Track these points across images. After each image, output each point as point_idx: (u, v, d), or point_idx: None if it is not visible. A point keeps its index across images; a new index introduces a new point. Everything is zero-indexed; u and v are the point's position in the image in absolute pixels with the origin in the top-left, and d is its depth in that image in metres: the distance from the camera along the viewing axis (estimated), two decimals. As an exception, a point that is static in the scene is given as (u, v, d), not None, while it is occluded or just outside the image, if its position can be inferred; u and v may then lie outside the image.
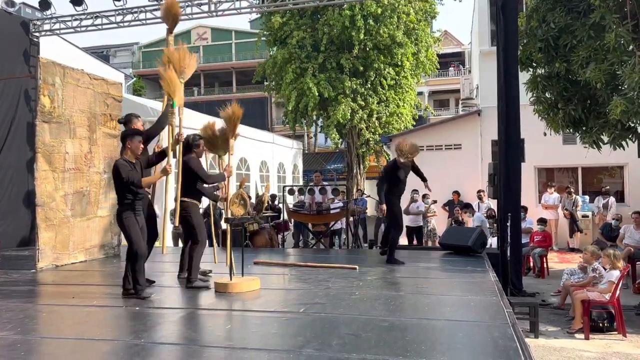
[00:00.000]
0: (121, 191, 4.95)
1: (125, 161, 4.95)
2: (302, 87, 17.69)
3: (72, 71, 7.20)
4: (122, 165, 4.89)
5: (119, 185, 4.93)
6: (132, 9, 9.30)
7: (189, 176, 5.47)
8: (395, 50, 17.99)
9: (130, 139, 5.04)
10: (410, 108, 19.65)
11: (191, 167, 5.47)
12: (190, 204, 5.54)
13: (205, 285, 5.44)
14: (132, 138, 5.05)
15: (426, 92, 34.53)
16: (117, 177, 4.86)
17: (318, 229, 9.65)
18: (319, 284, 5.55)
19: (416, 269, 6.63)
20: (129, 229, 4.94)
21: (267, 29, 19.10)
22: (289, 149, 22.43)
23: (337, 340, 3.47)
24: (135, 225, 4.98)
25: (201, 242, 5.53)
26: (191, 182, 5.52)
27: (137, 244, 4.91)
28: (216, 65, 39.56)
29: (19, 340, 3.67)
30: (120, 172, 4.82)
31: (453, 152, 13.90)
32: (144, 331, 3.93)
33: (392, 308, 4.42)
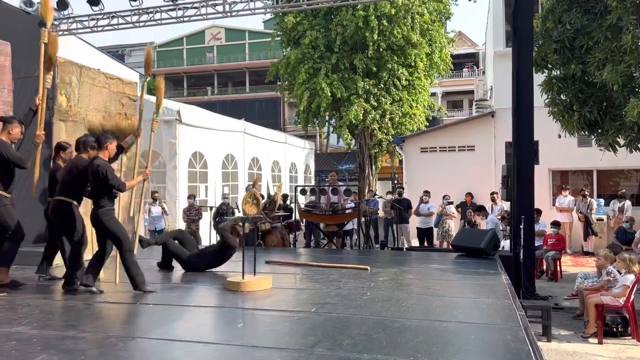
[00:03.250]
0: (103, 191, 4.98)
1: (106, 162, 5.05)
2: (315, 87, 17.71)
3: (88, 70, 7.29)
4: (109, 167, 4.98)
5: (104, 185, 4.94)
6: (148, 9, 9.39)
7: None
8: (409, 50, 17.95)
9: (111, 140, 5.17)
10: (423, 109, 19.60)
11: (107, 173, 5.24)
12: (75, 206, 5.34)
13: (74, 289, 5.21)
14: (112, 140, 5.19)
15: (439, 93, 34.37)
16: (102, 178, 4.88)
17: (330, 229, 9.65)
18: (330, 284, 5.56)
19: (428, 271, 6.61)
20: (117, 228, 5.07)
21: (281, 29, 19.15)
22: (301, 149, 22.47)
23: (348, 341, 3.48)
24: (119, 223, 5.15)
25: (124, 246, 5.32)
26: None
27: (127, 241, 5.12)
28: (230, 65, 39.77)
29: (35, 335, 3.73)
30: (107, 174, 4.88)
31: (466, 153, 13.83)
32: (157, 328, 3.98)
33: (404, 309, 4.42)
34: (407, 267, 6.95)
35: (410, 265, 7.10)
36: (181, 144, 13.03)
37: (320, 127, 23.47)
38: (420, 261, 7.55)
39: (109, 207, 5.05)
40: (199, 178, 14.09)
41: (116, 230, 5.06)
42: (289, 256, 7.93)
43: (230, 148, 15.71)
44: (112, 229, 5.04)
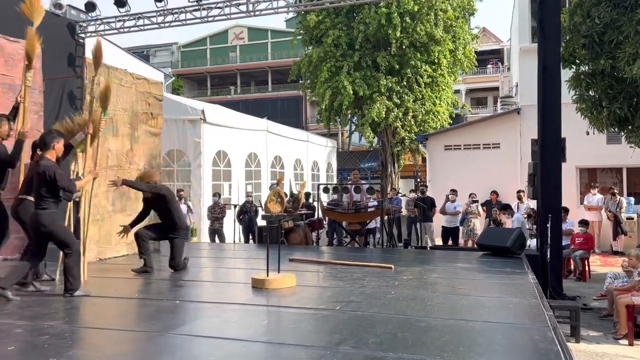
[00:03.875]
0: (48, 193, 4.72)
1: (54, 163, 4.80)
2: (337, 85, 17.68)
3: (115, 71, 7.43)
4: (57, 168, 4.74)
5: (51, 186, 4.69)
6: (173, 10, 9.49)
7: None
8: (432, 47, 17.77)
9: (57, 139, 4.91)
10: (446, 106, 19.38)
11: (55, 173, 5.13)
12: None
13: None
14: (59, 139, 4.94)
15: (463, 90, 33.98)
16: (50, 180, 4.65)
17: (353, 228, 9.64)
18: (354, 282, 5.56)
19: (453, 270, 6.55)
20: (64, 229, 4.90)
21: (303, 28, 19.17)
22: (323, 147, 22.49)
23: (373, 339, 3.48)
24: (64, 226, 4.98)
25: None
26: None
27: (74, 243, 4.88)
28: (252, 65, 40.01)
29: (66, 330, 3.83)
30: (55, 176, 4.65)
31: (491, 151, 13.65)
32: (183, 325, 4.04)
33: (429, 308, 4.39)
34: (431, 266, 6.90)
35: (434, 264, 7.05)
36: (205, 143, 13.18)
37: (342, 125, 23.42)
38: (445, 260, 7.48)
39: (53, 210, 4.76)
40: (223, 176, 14.23)
41: (61, 233, 4.80)
42: (312, 254, 7.95)
43: (253, 147, 15.83)
44: (56, 233, 4.76)
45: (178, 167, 13.39)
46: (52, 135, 4.93)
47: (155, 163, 8.39)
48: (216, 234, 11.68)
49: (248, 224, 11.47)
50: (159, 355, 3.28)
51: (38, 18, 5.88)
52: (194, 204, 12.51)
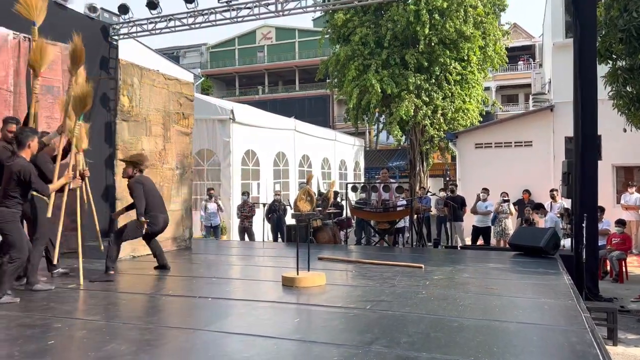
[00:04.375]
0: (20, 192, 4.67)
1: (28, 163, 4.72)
2: (365, 83, 17.61)
3: (148, 72, 7.58)
4: (31, 169, 4.67)
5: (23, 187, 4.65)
6: (203, 11, 9.62)
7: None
8: (461, 44, 17.52)
9: (31, 138, 4.81)
10: (476, 104, 19.08)
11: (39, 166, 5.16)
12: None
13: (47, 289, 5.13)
14: (33, 137, 4.84)
15: (493, 87, 33.38)
16: (23, 180, 4.60)
17: (382, 227, 9.60)
18: (384, 281, 5.53)
19: (485, 270, 6.45)
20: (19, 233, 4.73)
21: (331, 27, 19.16)
22: (351, 146, 22.44)
23: (405, 339, 3.45)
24: (21, 229, 4.85)
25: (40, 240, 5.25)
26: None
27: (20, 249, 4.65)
28: (280, 64, 40.21)
29: (103, 325, 3.92)
30: (31, 177, 4.61)
31: (523, 149, 13.39)
32: (216, 321, 4.09)
33: (461, 308, 4.33)
34: (462, 265, 6.82)
35: (465, 264, 6.96)
36: (235, 143, 13.33)
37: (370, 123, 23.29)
38: (476, 260, 7.38)
39: (16, 210, 4.69)
40: (252, 175, 14.36)
41: (14, 234, 4.65)
42: (341, 253, 7.95)
43: (281, 146, 15.92)
44: (8, 232, 4.63)
45: (208, 166, 13.57)
46: (27, 134, 4.81)
47: (186, 162, 8.52)
48: (246, 232, 11.80)
49: (277, 223, 11.55)
50: (193, 352, 3.33)
51: (40, 15, 5.70)
52: (224, 202, 12.66)
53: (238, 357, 3.21)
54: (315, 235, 9.46)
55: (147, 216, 6.05)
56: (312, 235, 9.24)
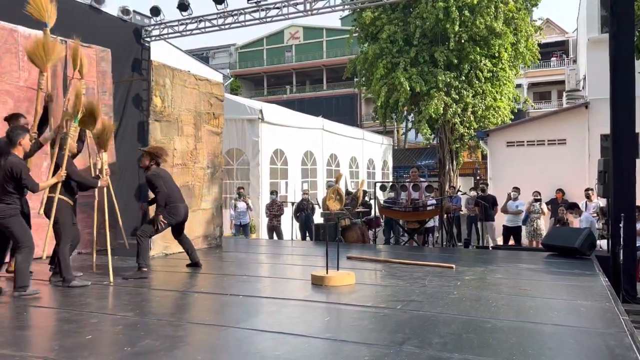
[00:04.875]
0: (15, 188, 4.86)
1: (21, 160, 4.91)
2: (393, 82, 17.51)
3: (180, 73, 7.70)
4: (24, 166, 4.86)
5: (17, 183, 4.83)
6: (232, 12, 9.72)
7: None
8: (492, 41, 17.23)
9: (22, 136, 4.95)
10: (508, 101, 18.75)
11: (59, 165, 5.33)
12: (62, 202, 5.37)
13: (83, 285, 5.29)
14: (24, 135, 4.98)
15: (525, 84, 32.71)
16: (15, 176, 4.77)
17: (411, 226, 9.52)
18: (414, 281, 5.49)
19: (517, 270, 6.33)
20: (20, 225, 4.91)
21: (359, 25, 19.11)
22: (379, 145, 22.34)
23: (437, 339, 3.42)
24: (23, 223, 4.99)
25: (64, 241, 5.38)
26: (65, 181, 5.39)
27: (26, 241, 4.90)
28: (307, 64, 40.30)
29: (138, 321, 4.01)
30: (22, 174, 4.78)
31: (557, 147, 13.09)
32: (248, 318, 4.13)
33: (494, 310, 4.26)
34: (494, 266, 6.71)
35: (497, 265, 6.85)
36: (263, 142, 13.43)
37: (398, 122, 23.14)
38: (508, 260, 7.25)
39: (15, 205, 4.88)
40: (280, 174, 14.45)
41: (15, 227, 4.87)
42: (370, 252, 7.93)
43: (309, 145, 15.96)
44: (10, 226, 4.85)
45: (237, 165, 13.72)
46: (17, 132, 4.96)
47: (217, 161, 8.63)
48: (274, 231, 11.87)
49: (305, 222, 11.58)
50: (225, 349, 3.37)
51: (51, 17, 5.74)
52: (252, 201, 12.77)
53: (270, 354, 3.23)
54: (344, 234, 9.45)
55: (168, 207, 6.08)
56: (341, 234, 9.23)
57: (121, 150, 9.05)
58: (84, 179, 5.62)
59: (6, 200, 4.84)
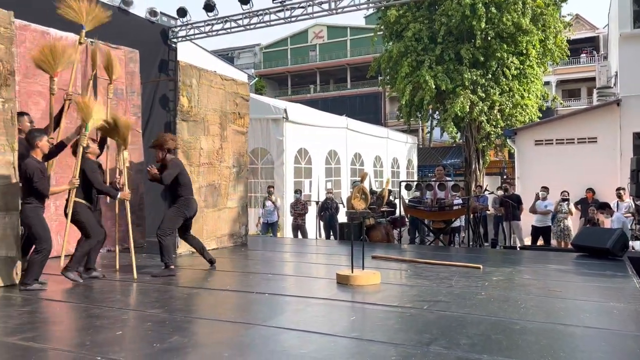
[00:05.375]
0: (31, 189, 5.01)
1: (38, 163, 5.04)
2: (418, 80, 17.35)
3: (206, 73, 7.78)
4: (37, 169, 4.97)
5: (29, 185, 4.99)
6: (258, 12, 9.79)
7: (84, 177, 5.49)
8: (519, 38, 16.92)
9: (39, 138, 5.10)
10: (536, 99, 18.38)
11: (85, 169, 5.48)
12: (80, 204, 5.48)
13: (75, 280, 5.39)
14: (41, 137, 5.12)
15: (554, 81, 32.05)
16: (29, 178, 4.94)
17: (437, 226, 9.43)
18: (440, 281, 5.44)
19: (546, 271, 6.21)
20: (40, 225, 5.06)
21: (383, 24, 19.00)
22: (403, 143, 22.19)
23: (465, 340, 3.38)
24: (44, 221, 5.13)
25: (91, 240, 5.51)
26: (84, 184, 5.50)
27: (46, 240, 5.06)
28: (331, 63, 40.29)
29: (166, 318, 4.07)
30: (34, 176, 4.92)
31: (587, 146, 12.78)
32: (274, 316, 4.16)
33: (523, 311, 4.19)
34: (522, 266, 6.60)
35: (525, 265, 6.74)
36: (288, 141, 13.48)
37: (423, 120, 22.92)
38: (537, 261, 7.12)
39: (35, 204, 5.05)
40: (304, 173, 14.48)
41: (37, 226, 5.05)
42: (395, 252, 7.88)
43: (333, 144, 15.95)
44: (32, 225, 5.05)
45: (262, 164, 13.80)
46: (34, 135, 5.12)
47: (242, 161, 8.70)
48: (299, 230, 11.91)
49: (329, 221, 11.58)
50: (252, 347, 3.39)
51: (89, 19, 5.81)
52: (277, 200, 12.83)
53: (296, 352, 3.24)
54: (369, 233, 9.42)
55: (183, 199, 6.08)
56: (366, 233, 9.20)
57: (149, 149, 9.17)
58: (105, 189, 5.72)
59: (28, 201, 5.04)
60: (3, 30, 5.29)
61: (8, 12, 5.36)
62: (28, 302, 4.66)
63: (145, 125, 10.20)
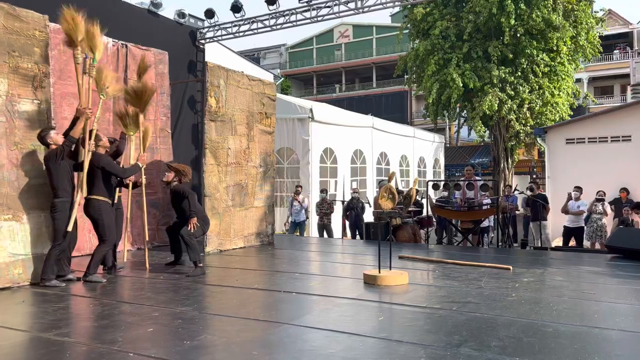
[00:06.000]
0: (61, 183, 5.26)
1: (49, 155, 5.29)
2: (445, 78, 17.17)
3: (233, 73, 7.86)
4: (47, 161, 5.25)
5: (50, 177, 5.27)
6: (284, 12, 9.81)
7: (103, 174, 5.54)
8: (550, 34, 16.57)
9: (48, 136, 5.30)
10: (566, 97, 17.98)
11: (103, 166, 5.51)
12: (101, 202, 5.55)
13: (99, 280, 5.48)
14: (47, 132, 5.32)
15: (585, 78, 31.27)
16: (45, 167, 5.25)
17: (465, 226, 9.30)
18: (470, 282, 5.36)
19: (579, 273, 6.07)
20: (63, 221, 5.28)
21: (410, 22, 18.86)
22: (430, 142, 21.96)
23: (496, 342, 3.33)
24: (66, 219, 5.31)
25: (107, 242, 5.61)
26: (104, 180, 5.56)
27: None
28: (357, 62, 40.18)
29: (196, 315, 4.12)
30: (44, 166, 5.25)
31: (621, 144, 12.41)
32: (301, 316, 4.16)
33: (555, 313, 4.10)
34: (553, 268, 6.46)
35: (557, 266, 6.59)
36: (313, 141, 13.49)
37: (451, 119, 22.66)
38: (569, 262, 6.96)
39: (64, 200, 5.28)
40: (329, 173, 14.47)
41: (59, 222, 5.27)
42: (422, 252, 7.81)
43: (359, 143, 15.90)
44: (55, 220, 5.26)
45: (288, 164, 13.85)
46: (41, 135, 5.33)
47: (269, 160, 8.75)
48: (324, 229, 11.91)
49: (355, 220, 11.55)
50: (280, 345, 3.41)
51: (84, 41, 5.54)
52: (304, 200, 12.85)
53: (324, 352, 3.24)
54: (395, 233, 9.36)
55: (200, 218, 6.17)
56: (392, 233, 9.14)
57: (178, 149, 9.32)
58: (129, 172, 5.84)
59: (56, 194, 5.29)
60: (38, 34, 5.44)
61: (43, 17, 5.50)
62: (62, 298, 4.79)
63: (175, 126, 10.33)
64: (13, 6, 5.26)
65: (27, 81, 5.35)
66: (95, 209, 5.51)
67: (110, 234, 5.62)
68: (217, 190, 7.55)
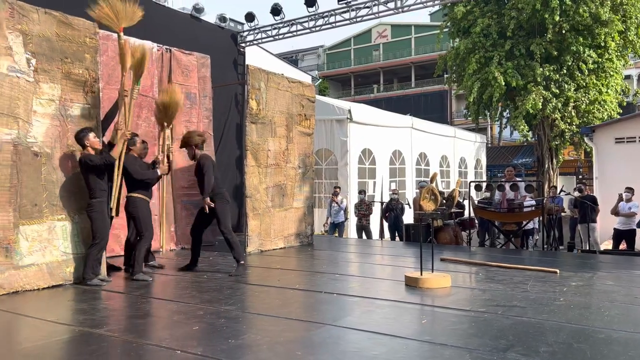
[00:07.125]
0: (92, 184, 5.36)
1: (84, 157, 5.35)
2: (487, 77, 16.83)
3: (274, 76, 7.94)
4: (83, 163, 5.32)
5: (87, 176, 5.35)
6: (323, 14, 9.86)
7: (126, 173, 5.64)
8: (597, 30, 15.98)
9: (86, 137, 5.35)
10: (615, 94, 17.32)
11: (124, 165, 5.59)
12: (137, 199, 5.67)
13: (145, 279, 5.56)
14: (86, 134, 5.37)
15: (635, 75, 30.00)
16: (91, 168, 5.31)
17: (508, 228, 9.09)
18: (515, 286, 5.23)
19: (631, 277, 5.83)
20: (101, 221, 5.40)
21: (450, 20, 18.59)
22: (472, 142, 21.57)
23: (545, 348, 3.23)
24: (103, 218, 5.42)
25: (145, 237, 5.70)
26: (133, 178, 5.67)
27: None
28: (395, 62, 39.91)
29: (239, 315, 4.19)
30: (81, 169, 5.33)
31: (674, 143, 11.86)
32: (344, 317, 4.17)
33: (607, 319, 3.95)
34: (603, 271, 6.23)
35: (607, 270, 6.35)
36: (352, 142, 13.48)
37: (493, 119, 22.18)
38: (620, 266, 6.69)
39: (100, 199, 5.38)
40: (368, 174, 14.42)
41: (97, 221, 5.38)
42: (464, 255, 7.67)
43: (397, 144, 15.78)
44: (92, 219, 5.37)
45: (326, 165, 13.89)
46: (79, 136, 5.38)
47: (308, 161, 8.79)
48: (363, 231, 11.87)
49: (394, 222, 11.46)
50: (323, 346, 3.42)
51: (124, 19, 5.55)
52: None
53: (368, 354, 3.23)
54: (436, 235, 9.24)
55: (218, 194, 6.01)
56: (433, 235, 9.02)
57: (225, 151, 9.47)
58: (145, 176, 5.81)
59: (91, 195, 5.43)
60: (88, 41, 5.64)
61: (93, 24, 5.71)
62: (110, 296, 4.96)
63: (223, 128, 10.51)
64: (65, 14, 5.47)
65: (79, 86, 5.56)
66: (132, 206, 5.71)
67: (147, 229, 5.74)
68: (258, 191, 7.65)
